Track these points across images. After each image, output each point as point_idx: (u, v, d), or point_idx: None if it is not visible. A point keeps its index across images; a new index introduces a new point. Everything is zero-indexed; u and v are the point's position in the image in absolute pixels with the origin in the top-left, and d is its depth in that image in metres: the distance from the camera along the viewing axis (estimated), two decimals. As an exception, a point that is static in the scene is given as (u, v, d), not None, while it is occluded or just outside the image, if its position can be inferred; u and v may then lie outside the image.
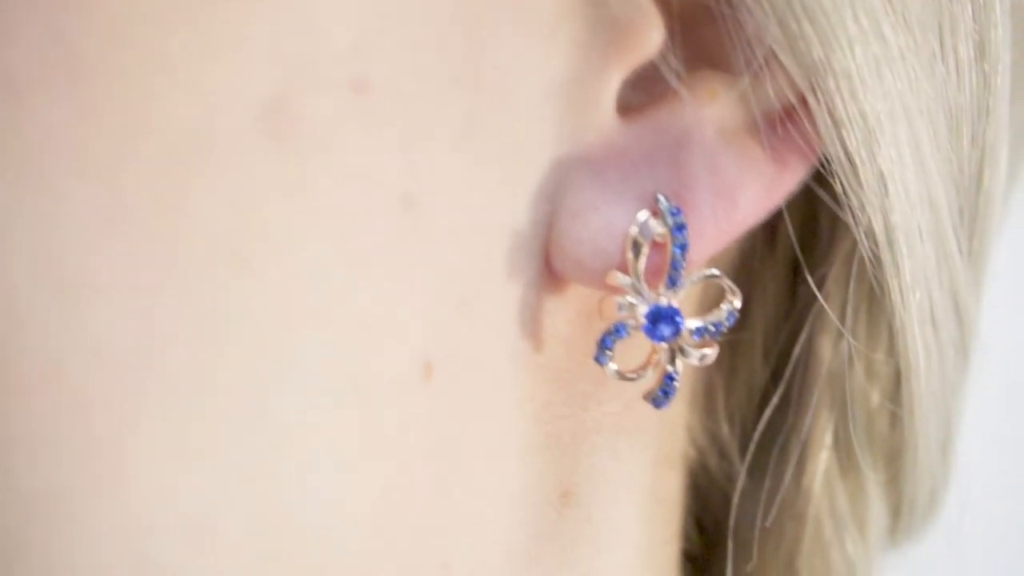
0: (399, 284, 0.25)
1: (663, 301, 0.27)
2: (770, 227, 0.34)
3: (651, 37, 0.27)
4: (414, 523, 0.27)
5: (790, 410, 0.35)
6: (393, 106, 0.25)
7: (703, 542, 0.38)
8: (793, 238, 0.32)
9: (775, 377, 0.35)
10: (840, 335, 0.33)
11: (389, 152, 0.25)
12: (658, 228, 0.27)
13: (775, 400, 0.34)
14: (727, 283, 0.28)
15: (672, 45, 0.27)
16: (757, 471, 0.36)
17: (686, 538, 0.37)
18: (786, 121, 0.27)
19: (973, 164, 0.31)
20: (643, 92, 0.28)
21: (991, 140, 0.31)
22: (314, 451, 0.25)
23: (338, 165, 0.24)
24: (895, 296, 0.29)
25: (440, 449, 0.27)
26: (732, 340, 0.37)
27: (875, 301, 0.32)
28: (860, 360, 0.33)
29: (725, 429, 0.37)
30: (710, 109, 0.27)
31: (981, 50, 0.29)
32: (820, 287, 0.32)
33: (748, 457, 0.35)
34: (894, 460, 0.35)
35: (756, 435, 0.35)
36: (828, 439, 0.35)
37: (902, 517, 0.37)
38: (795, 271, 0.35)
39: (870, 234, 0.28)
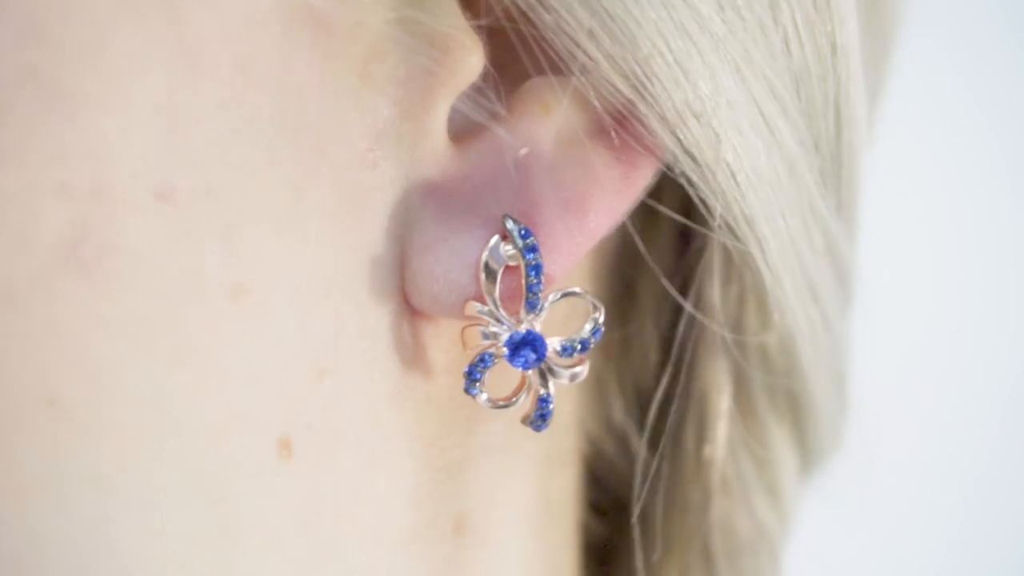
0: (242, 374, 0.24)
1: (524, 326, 0.26)
2: (652, 210, 0.33)
3: (471, 62, 0.25)
4: None
5: (683, 379, 0.35)
6: (205, 206, 0.23)
7: (608, 527, 0.38)
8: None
9: (669, 353, 0.35)
10: (725, 290, 0.32)
11: (210, 249, 0.23)
12: (509, 251, 0.26)
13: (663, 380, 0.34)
14: (590, 299, 0.27)
15: (491, 69, 0.26)
16: (659, 448, 0.36)
17: (585, 528, 0.36)
18: (623, 124, 0.26)
19: (830, 120, 0.30)
20: (475, 115, 0.27)
21: (845, 92, 0.30)
22: (168, 561, 0.24)
23: (155, 280, 0.23)
24: (766, 276, 0.29)
25: (320, 516, 0.26)
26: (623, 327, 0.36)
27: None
28: (754, 313, 0.33)
29: (619, 414, 0.37)
30: (545, 122, 0.26)
31: (819, 6, 0.28)
32: (702, 256, 0.32)
33: (646, 434, 0.34)
34: (795, 413, 0.35)
35: (652, 412, 0.34)
36: (725, 404, 0.34)
37: (810, 460, 0.37)
38: (683, 242, 0.34)
39: (729, 223, 0.27)
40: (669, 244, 0.34)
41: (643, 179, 0.27)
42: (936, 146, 0.63)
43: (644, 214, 0.32)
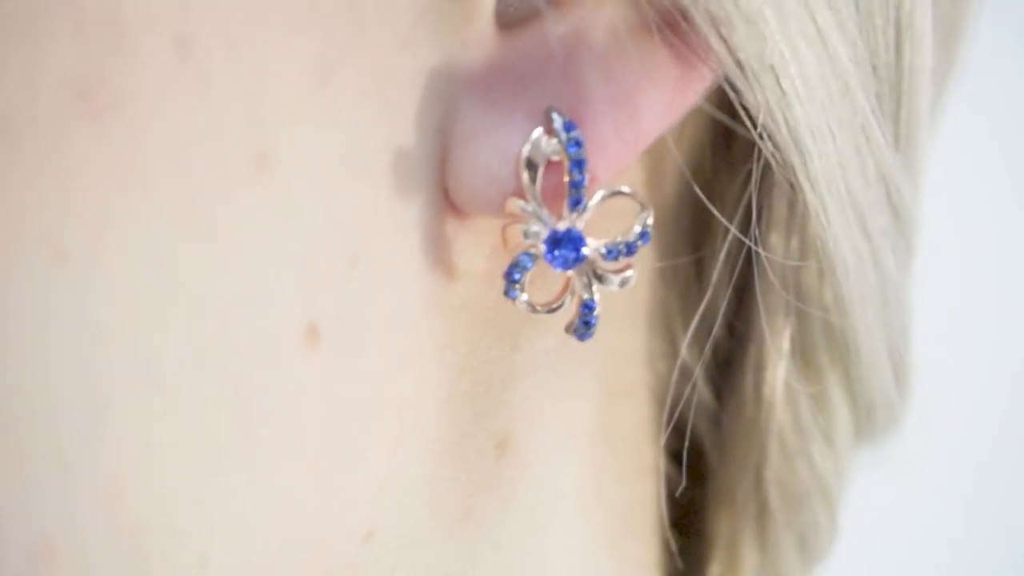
0: (262, 248, 0.23)
1: (565, 224, 0.25)
2: (724, 133, 0.32)
3: None
4: (323, 496, 0.25)
5: (743, 319, 0.33)
6: (227, 64, 0.22)
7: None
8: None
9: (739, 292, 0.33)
10: (789, 233, 0.31)
11: (230, 114, 0.22)
12: (553, 146, 0.24)
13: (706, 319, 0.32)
14: (638, 199, 0.26)
15: None
16: (725, 390, 0.34)
17: (660, 473, 0.34)
18: (673, 22, 0.25)
19: (889, 43, 0.29)
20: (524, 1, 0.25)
21: (907, 13, 0.28)
22: (176, 448, 0.23)
23: (172, 137, 0.22)
24: (810, 198, 0.27)
25: (343, 413, 0.25)
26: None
27: None
28: (812, 258, 0.31)
29: (686, 351, 0.35)
30: (598, 13, 0.25)
31: None
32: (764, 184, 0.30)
33: (698, 373, 0.33)
34: (845, 362, 0.34)
35: (707, 350, 0.33)
36: (785, 345, 0.33)
37: (861, 421, 0.36)
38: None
39: (772, 135, 0.26)
40: (740, 175, 0.32)
41: (699, 82, 0.26)
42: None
43: (718, 141, 0.31)
